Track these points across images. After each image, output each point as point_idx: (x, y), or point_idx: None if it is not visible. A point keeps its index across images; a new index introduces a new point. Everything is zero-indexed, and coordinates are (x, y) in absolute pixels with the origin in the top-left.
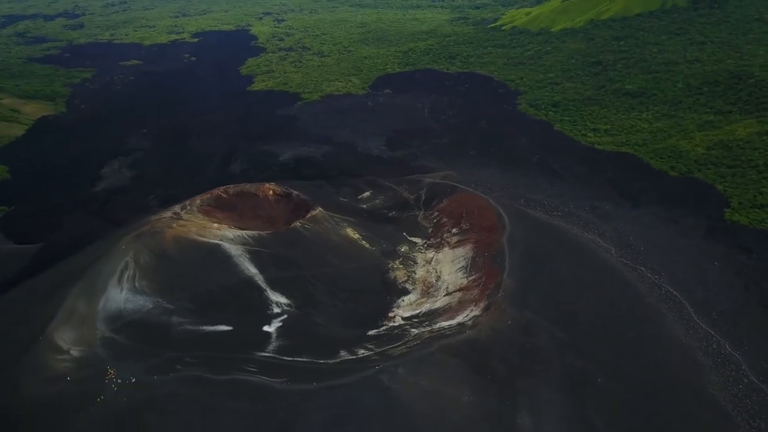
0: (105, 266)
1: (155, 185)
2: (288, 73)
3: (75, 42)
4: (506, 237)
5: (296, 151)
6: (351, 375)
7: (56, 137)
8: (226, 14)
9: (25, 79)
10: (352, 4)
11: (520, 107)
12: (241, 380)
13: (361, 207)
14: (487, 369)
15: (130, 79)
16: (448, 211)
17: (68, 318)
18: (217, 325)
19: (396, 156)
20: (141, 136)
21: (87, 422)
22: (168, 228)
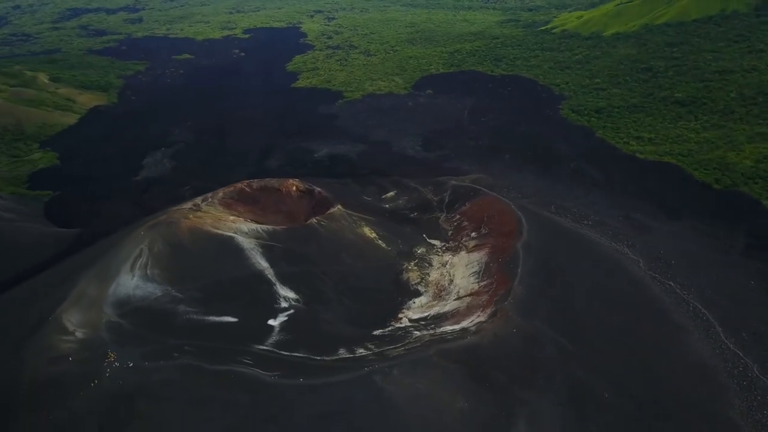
0: (120, 253)
1: (193, 177)
2: (332, 71)
3: (133, 35)
4: (522, 243)
5: (332, 148)
6: (345, 373)
7: (105, 127)
8: (278, 11)
9: (83, 69)
10: (404, 4)
11: (562, 112)
12: (235, 371)
13: (384, 206)
14: (486, 376)
15: (180, 73)
16: (470, 215)
17: (78, 301)
18: (223, 316)
19: (430, 157)
20: (185, 128)
21: (82, 403)
22: (184, 219)
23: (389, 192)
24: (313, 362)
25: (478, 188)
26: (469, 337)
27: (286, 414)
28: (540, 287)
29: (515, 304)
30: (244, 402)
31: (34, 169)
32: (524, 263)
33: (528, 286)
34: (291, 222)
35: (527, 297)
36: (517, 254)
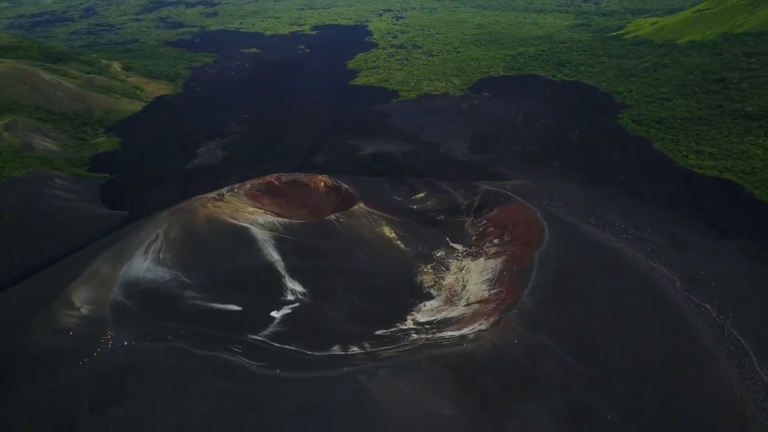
0: (138, 236)
1: (242, 168)
2: (392, 70)
3: (207, 29)
4: (540, 253)
5: (379, 147)
6: (332, 370)
7: (167, 115)
8: (348, 9)
9: (155, 60)
10: (474, 5)
11: (620, 121)
12: (221, 358)
13: (412, 207)
14: (477, 386)
15: (246, 67)
16: (496, 221)
17: (90, 279)
18: (227, 305)
19: (475, 160)
20: (242, 120)
21: (74, 376)
22: (202, 207)
23: (420, 193)
24: (303, 356)
25: (508, 194)
26: (465, 344)
27: (265, 404)
28: (552, 300)
29: (520, 314)
30: (226, 389)
31: (96, 152)
32: (538, 274)
33: (538, 298)
34: (315, 217)
35: (535, 308)
36: (533, 264)
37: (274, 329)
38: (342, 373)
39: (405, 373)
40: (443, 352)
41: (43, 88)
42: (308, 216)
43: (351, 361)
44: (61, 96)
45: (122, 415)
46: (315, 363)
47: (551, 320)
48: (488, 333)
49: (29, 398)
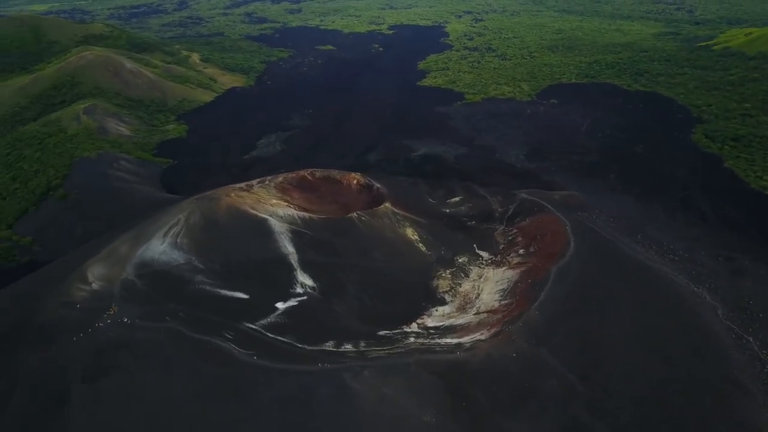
0: (161, 219)
1: (296, 162)
2: (461, 72)
3: (288, 25)
4: (558, 267)
5: (433, 148)
6: (318, 365)
7: (236, 107)
8: (429, 9)
9: (232, 53)
10: (558, 10)
11: (693, 136)
12: (212, 343)
13: (444, 211)
14: (465, 395)
15: (318, 63)
16: (526, 231)
17: (107, 257)
18: (235, 292)
19: (528, 167)
20: (305, 115)
21: (73, 346)
22: (226, 196)
23: (456, 197)
24: (294, 349)
25: (543, 204)
26: (459, 352)
27: (246, 391)
28: (562, 316)
29: (524, 328)
30: (211, 373)
31: (164, 138)
32: (552, 288)
33: (547, 313)
34: (344, 214)
35: (542, 323)
36: (548, 278)
37: (272, 320)
38: (326, 369)
39: (391, 375)
40: (434, 358)
41: (124, 75)
42: (337, 212)
43: (340, 358)
44: (141, 84)
45: (111, 387)
46: (303, 356)
47: (558, 337)
48: (486, 344)
49: (30, 363)
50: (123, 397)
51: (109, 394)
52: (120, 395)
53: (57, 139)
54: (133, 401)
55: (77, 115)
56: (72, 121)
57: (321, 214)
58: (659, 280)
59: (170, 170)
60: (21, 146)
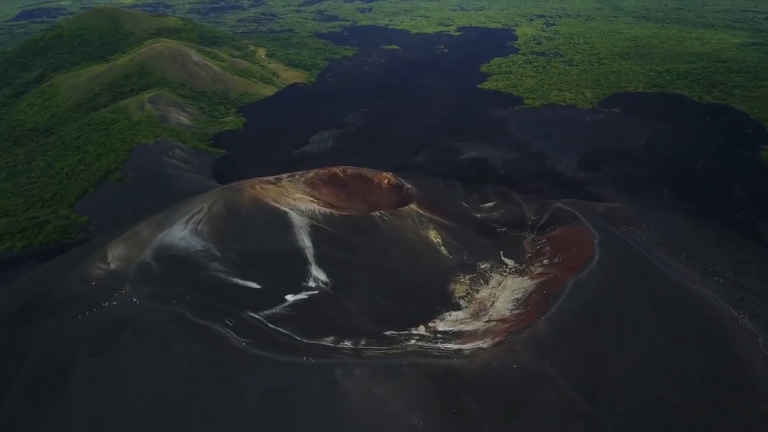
0: (186, 206)
1: (344, 159)
2: (524, 77)
3: (357, 23)
4: (577, 280)
5: (482, 152)
6: (312, 358)
7: (294, 102)
8: (500, 12)
9: (298, 49)
10: (636, 16)
11: (762, 153)
12: (211, 328)
13: (475, 215)
14: (456, 402)
15: (381, 62)
16: (555, 241)
17: (129, 239)
18: (247, 281)
19: (579, 177)
20: (360, 113)
21: (83, 321)
22: (251, 188)
23: (490, 202)
24: (291, 341)
25: (576, 215)
26: (456, 358)
27: (237, 378)
28: (573, 331)
29: (529, 339)
30: (205, 357)
31: (222, 129)
32: (565, 301)
33: (556, 326)
34: (370, 212)
35: (549, 336)
36: (563, 290)
37: (277, 311)
38: (318, 364)
39: (382, 375)
40: (429, 361)
41: (190, 67)
42: (364, 210)
43: (335, 353)
44: (205, 76)
45: (112, 363)
46: (299, 349)
47: (564, 352)
48: (486, 352)
49: (43, 334)
50: (121, 373)
51: (109, 369)
52: (119, 371)
53: (121, 125)
54: (130, 378)
55: (142, 104)
56: (137, 109)
57: (345, 211)
58: (693, 303)
59: (222, 160)
60: (90, 131)
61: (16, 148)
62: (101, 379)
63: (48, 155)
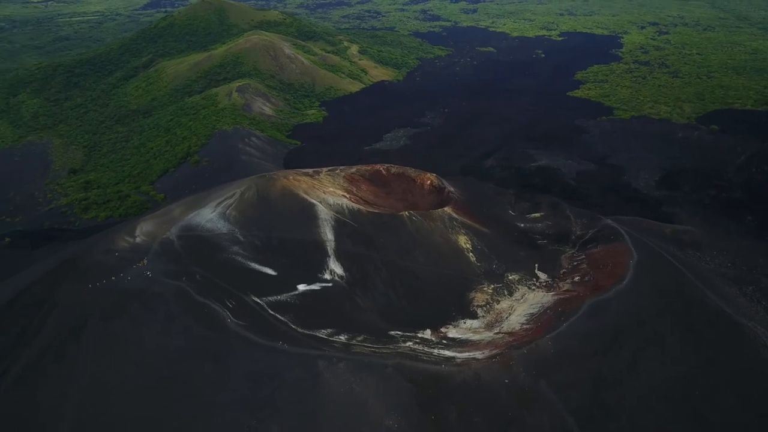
0: (220, 191)
1: (412, 158)
2: (619, 86)
3: (458, 24)
4: (596, 300)
5: (555, 161)
6: (301, 348)
7: (376, 99)
8: (610, 18)
9: (392, 47)
10: (763, 27)
11: None
12: (210, 308)
13: (518, 225)
14: (436, 409)
15: (473, 64)
16: (593, 259)
17: (160, 216)
18: (264, 267)
19: (654, 195)
20: (440, 114)
21: (101, 288)
22: (284, 178)
23: (538, 213)
24: (285, 329)
25: (621, 233)
26: (445, 365)
27: (225, 358)
28: (579, 353)
29: (527, 355)
30: (200, 335)
31: (302, 121)
32: (577, 321)
33: (561, 345)
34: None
35: (550, 355)
36: (577, 310)
37: (282, 298)
38: (303, 353)
39: (365, 373)
40: (414, 365)
41: (281, 59)
42: (401, 209)
43: (325, 345)
44: (294, 68)
45: (118, 331)
46: (290, 337)
47: (565, 373)
48: (478, 363)
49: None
50: (124, 341)
51: (114, 335)
52: (122, 339)
53: (208, 111)
54: (131, 346)
55: (230, 92)
56: (225, 97)
57: (378, 209)
58: (739, 341)
59: (295, 151)
60: (181, 114)
61: (118, 127)
62: (105, 344)
63: (143, 135)
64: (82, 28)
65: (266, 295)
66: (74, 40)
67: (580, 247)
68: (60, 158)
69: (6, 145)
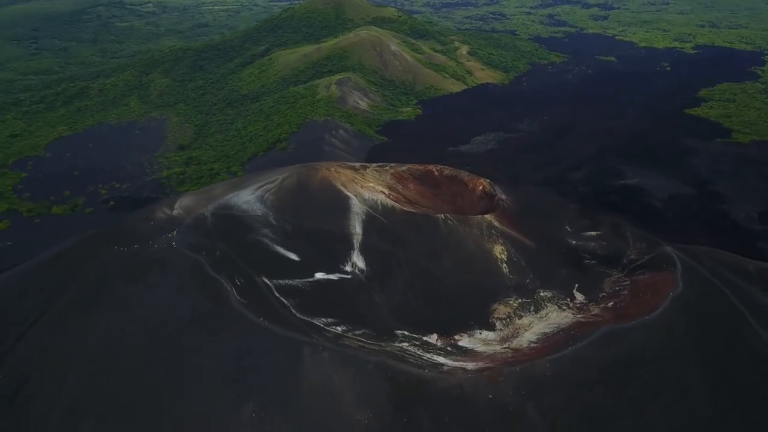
0: (264, 175)
1: (496, 163)
2: (746, 107)
3: (584, 31)
4: (608, 329)
5: (648, 181)
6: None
7: (476, 101)
8: (759, 33)
9: (504, 51)
10: None
11: None
12: (219, 283)
13: (569, 241)
14: (409, 412)
15: (587, 72)
16: (637, 286)
17: (201, 193)
18: (289, 252)
19: (753, 228)
20: (537, 121)
21: (130, 252)
22: (326, 169)
23: (595, 231)
24: (285, 312)
25: (675, 263)
26: (428, 370)
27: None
28: (578, 379)
29: (519, 374)
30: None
31: (394, 118)
32: (585, 348)
33: (561, 370)
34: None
35: (546, 378)
36: (589, 335)
37: (294, 283)
38: (292, 337)
39: (346, 365)
40: (397, 365)
41: (386, 56)
42: (445, 212)
43: (318, 333)
44: (398, 66)
45: (137, 292)
46: (287, 321)
47: (558, 399)
48: (465, 374)
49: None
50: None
51: (130, 297)
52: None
53: (306, 101)
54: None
55: (329, 84)
56: (324, 89)
57: (420, 209)
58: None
59: (379, 147)
60: (282, 102)
61: (228, 110)
62: (121, 305)
63: (246, 119)
64: (220, 16)
65: (278, 278)
66: (212, 27)
67: (628, 272)
68: (173, 134)
69: (132, 118)
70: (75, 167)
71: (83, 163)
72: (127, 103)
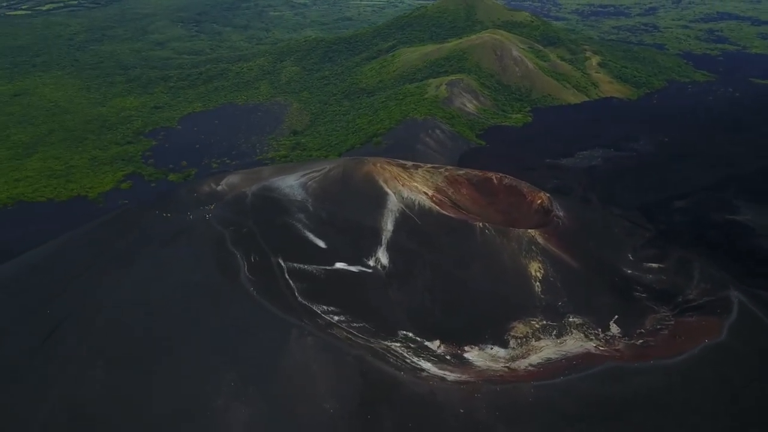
0: (315, 164)
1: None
2: None
3: (746, 50)
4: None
5: (760, 219)
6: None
7: (595, 114)
8: None
9: (642, 65)
10: None
11: None
12: (234, 257)
13: (624, 270)
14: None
15: (733, 95)
16: (680, 328)
17: (249, 174)
18: (317, 239)
19: None
20: (655, 142)
21: (169, 220)
22: (372, 164)
23: (660, 264)
24: (288, 293)
25: (731, 310)
26: (405, 373)
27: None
28: (563, 410)
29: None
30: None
31: (499, 123)
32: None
33: (546, 399)
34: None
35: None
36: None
37: (308, 268)
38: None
39: (326, 354)
40: (374, 363)
41: (506, 61)
42: (496, 221)
43: (310, 319)
44: (516, 71)
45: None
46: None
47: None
48: (442, 383)
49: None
50: (162, 264)
51: (160, 259)
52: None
53: (413, 99)
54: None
55: (440, 85)
56: (433, 88)
57: (466, 215)
58: None
59: (474, 151)
60: (392, 99)
61: (345, 101)
62: (149, 266)
63: (358, 112)
64: (365, 11)
65: (294, 262)
66: (355, 21)
67: (678, 312)
68: (291, 119)
69: (259, 100)
70: (197, 141)
71: (205, 137)
72: (258, 87)
